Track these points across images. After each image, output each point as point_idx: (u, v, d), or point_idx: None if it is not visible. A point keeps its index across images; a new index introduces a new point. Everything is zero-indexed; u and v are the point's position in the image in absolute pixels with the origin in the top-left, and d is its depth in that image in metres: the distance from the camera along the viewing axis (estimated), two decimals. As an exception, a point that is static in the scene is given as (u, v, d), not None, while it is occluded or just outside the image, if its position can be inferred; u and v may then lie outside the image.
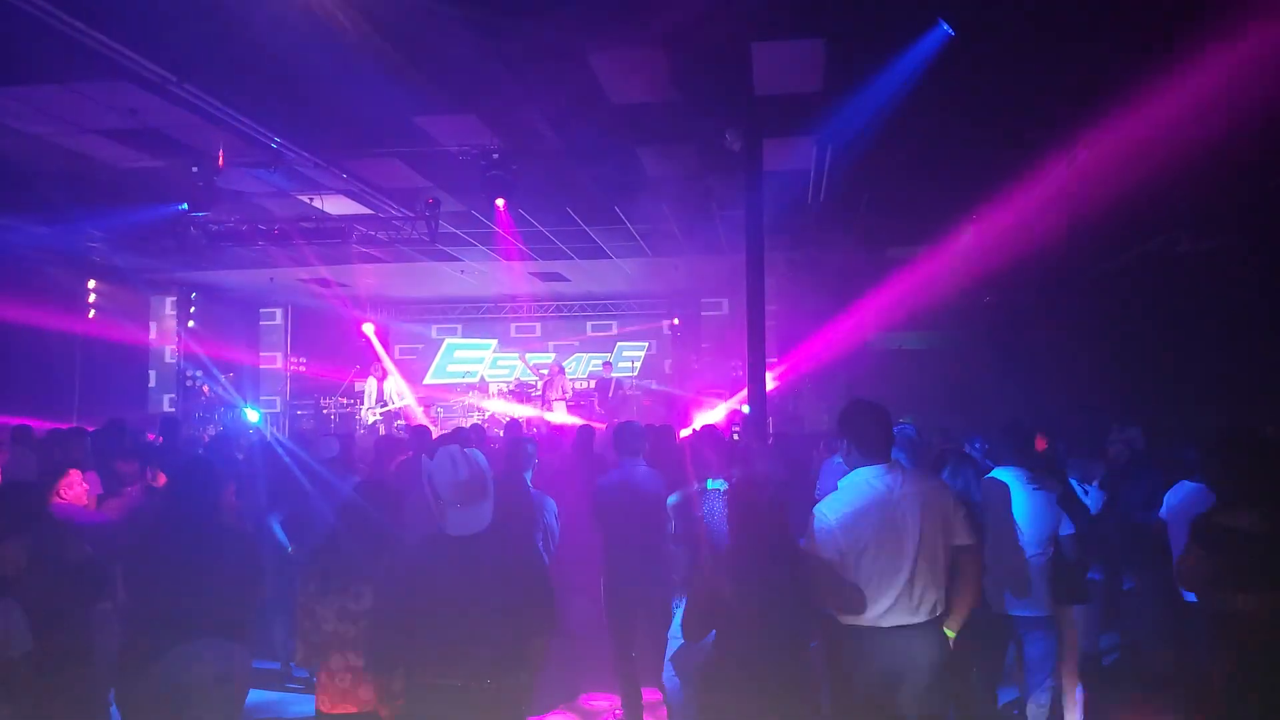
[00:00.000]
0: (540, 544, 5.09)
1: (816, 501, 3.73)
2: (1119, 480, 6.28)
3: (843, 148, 8.41)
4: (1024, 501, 4.69)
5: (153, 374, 16.56)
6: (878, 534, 3.49)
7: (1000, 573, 4.62)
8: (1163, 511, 5.23)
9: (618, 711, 5.58)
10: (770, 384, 13.87)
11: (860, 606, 3.48)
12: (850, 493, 3.60)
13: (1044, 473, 4.94)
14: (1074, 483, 5.75)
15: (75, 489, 4.92)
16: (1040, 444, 5.81)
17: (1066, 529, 4.83)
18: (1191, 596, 4.47)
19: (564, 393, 16.18)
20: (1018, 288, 10.27)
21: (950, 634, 3.62)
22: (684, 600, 4.32)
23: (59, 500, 4.73)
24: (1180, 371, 8.94)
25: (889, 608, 3.46)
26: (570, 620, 4.85)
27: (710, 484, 4.79)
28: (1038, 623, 4.72)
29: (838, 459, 4.34)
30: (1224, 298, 8.71)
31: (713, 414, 13.57)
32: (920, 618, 3.49)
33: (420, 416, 15.70)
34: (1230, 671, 3.72)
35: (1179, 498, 5.13)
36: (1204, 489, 4.79)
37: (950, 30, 5.69)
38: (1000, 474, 4.80)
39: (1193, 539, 3.86)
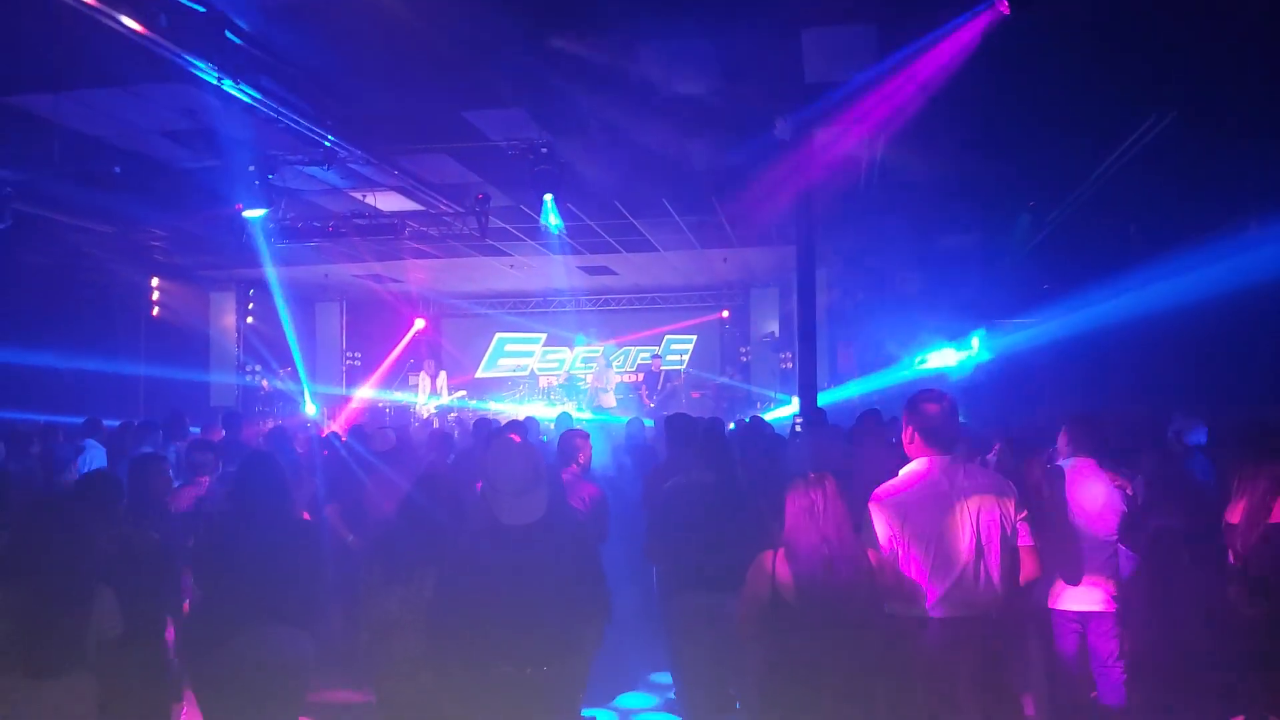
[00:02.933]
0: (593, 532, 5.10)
1: None
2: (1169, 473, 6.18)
3: (895, 135, 8.27)
4: None
5: (213, 369, 16.97)
6: (934, 525, 3.45)
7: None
8: None
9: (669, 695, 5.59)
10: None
11: (913, 596, 3.44)
12: (910, 482, 3.56)
13: None
14: None
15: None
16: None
17: None
18: None
19: (608, 385, 16.19)
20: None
21: None
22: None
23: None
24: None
25: (941, 599, 3.43)
26: (622, 608, 4.86)
27: None
28: None
29: None
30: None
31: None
32: (972, 611, 3.44)
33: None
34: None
35: None
36: None
37: (1005, 10, 5.55)
38: None
39: None
